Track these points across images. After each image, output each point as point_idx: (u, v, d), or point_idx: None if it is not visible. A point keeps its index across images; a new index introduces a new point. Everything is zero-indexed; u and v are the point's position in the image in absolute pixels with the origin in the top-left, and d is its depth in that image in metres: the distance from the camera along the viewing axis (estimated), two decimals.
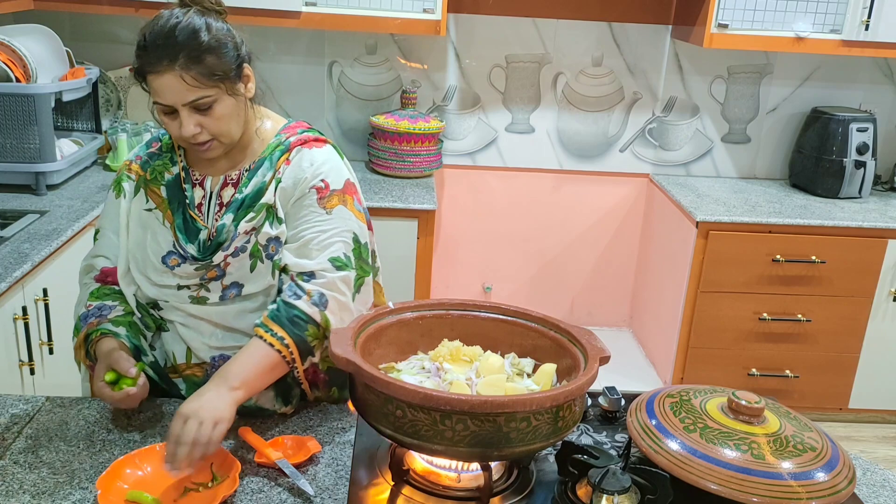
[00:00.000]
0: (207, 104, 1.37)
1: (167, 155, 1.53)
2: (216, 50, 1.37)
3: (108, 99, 3.28)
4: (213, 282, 1.46)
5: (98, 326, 1.46)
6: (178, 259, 1.46)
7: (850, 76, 3.51)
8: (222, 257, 1.44)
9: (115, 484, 1.23)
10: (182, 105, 1.36)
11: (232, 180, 1.48)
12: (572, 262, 3.76)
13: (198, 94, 1.35)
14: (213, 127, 1.39)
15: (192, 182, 1.49)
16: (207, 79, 1.35)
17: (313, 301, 1.40)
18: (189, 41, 1.34)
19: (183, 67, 1.33)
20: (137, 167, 1.53)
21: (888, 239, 3.10)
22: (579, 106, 3.54)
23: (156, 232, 1.48)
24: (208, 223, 1.47)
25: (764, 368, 3.24)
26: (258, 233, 1.44)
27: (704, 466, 1.14)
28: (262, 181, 1.46)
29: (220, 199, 1.48)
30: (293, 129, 1.53)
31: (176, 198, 1.48)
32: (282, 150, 1.48)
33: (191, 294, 1.47)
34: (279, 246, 1.46)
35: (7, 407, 1.45)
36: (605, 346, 1.31)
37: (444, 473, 1.26)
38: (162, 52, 1.33)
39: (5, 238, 2.29)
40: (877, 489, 1.36)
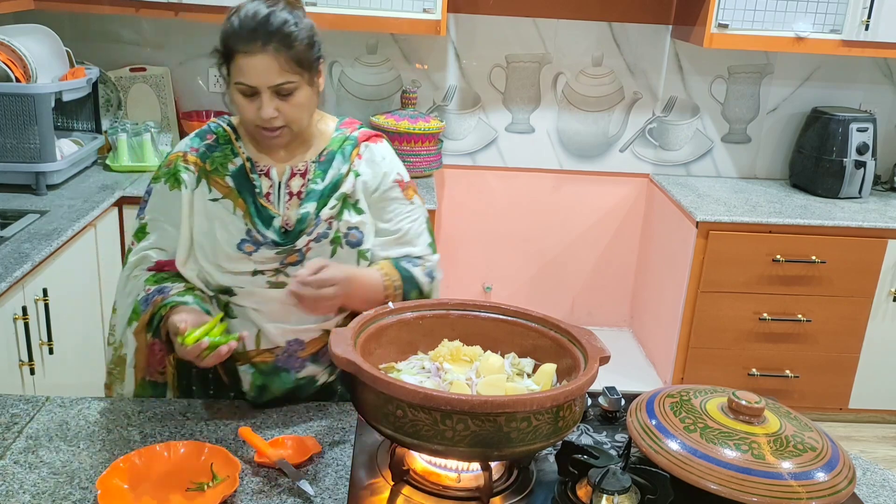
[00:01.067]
0: (290, 90, 1.44)
1: (226, 147, 1.55)
2: (304, 40, 1.45)
3: (108, 99, 3.28)
4: (293, 267, 1.50)
5: (164, 302, 1.47)
6: (252, 246, 1.49)
7: (850, 76, 3.51)
8: (305, 242, 1.50)
9: (115, 484, 1.23)
10: (267, 87, 1.42)
11: (299, 171, 1.54)
12: (572, 262, 3.76)
13: (285, 79, 1.42)
14: (289, 113, 1.46)
15: (257, 172, 1.53)
16: (295, 65, 1.43)
17: (426, 272, 1.59)
18: (283, 28, 1.42)
19: (276, 51, 1.41)
20: (195, 158, 1.54)
21: (888, 239, 3.10)
22: (579, 106, 3.54)
23: (225, 221, 1.51)
24: (280, 211, 1.52)
25: (764, 368, 3.24)
26: (338, 221, 1.53)
27: (704, 466, 1.14)
28: (339, 173, 1.55)
29: (288, 189, 1.53)
30: (351, 125, 1.63)
31: (245, 187, 1.52)
32: (352, 145, 1.58)
33: (269, 280, 1.51)
34: (360, 234, 1.55)
35: (7, 407, 1.45)
36: (605, 346, 1.31)
37: (444, 473, 1.26)
38: (257, 35, 1.40)
39: (5, 238, 2.29)
40: (877, 489, 1.36)
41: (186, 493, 1.24)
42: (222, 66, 1.45)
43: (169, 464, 1.29)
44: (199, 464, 1.29)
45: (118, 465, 1.26)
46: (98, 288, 2.70)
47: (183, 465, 1.29)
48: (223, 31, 1.43)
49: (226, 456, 1.29)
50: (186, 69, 3.35)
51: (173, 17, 2.94)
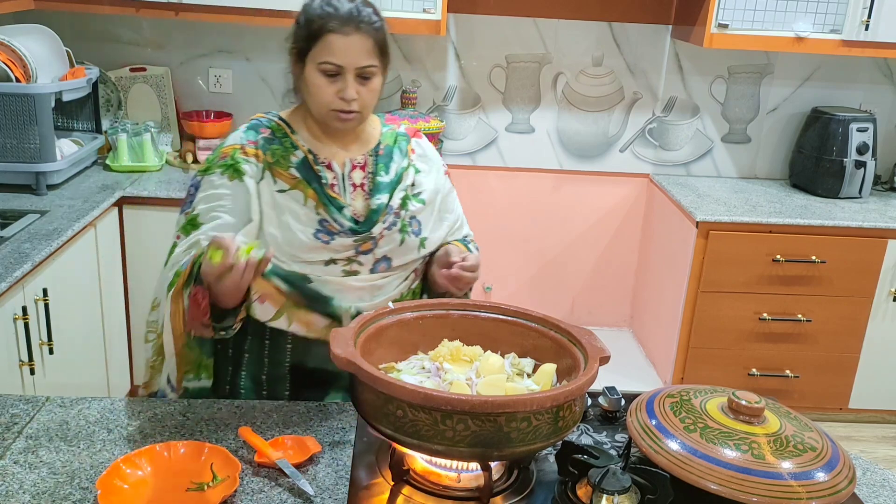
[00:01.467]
0: (370, 74, 1.51)
1: (284, 140, 1.57)
2: (386, 33, 1.54)
3: (108, 99, 3.28)
4: (365, 255, 1.57)
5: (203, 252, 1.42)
6: (327, 235, 1.53)
7: (850, 76, 3.51)
8: (380, 230, 1.57)
9: (115, 484, 1.23)
10: (354, 68, 1.48)
11: (359, 163, 1.61)
12: (572, 262, 3.76)
13: (371, 62, 1.50)
14: (366, 98, 1.52)
15: (320, 164, 1.58)
16: (380, 52, 1.52)
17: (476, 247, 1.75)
18: (373, 17, 1.51)
19: (369, 34, 1.49)
20: (256, 150, 1.55)
21: (888, 239, 3.10)
22: (579, 106, 3.54)
23: (297, 212, 1.53)
24: (346, 201, 1.58)
25: (764, 368, 3.24)
26: (404, 210, 1.62)
27: (704, 466, 1.14)
28: (401, 167, 1.64)
29: (351, 181, 1.59)
30: (395, 122, 1.72)
31: (311, 178, 1.55)
32: (405, 141, 1.67)
33: (343, 268, 1.56)
34: (419, 223, 1.64)
35: (7, 407, 1.44)
36: (605, 346, 1.31)
37: (444, 473, 1.26)
38: (353, 17, 1.48)
39: (5, 238, 2.29)
40: (877, 489, 1.36)
41: (186, 494, 1.24)
42: (304, 47, 1.50)
43: (169, 464, 1.29)
44: (199, 464, 1.29)
45: (118, 465, 1.26)
46: (98, 288, 2.70)
47: (183, 465, 1.29)
48: (311, 12, 1.50)
49: (226, 456, 1.29)
50: (186, 69, 3.35)
51: (173, 17, 2.94)
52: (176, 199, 2.88)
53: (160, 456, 1.29)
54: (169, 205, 2.88)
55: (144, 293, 2.99)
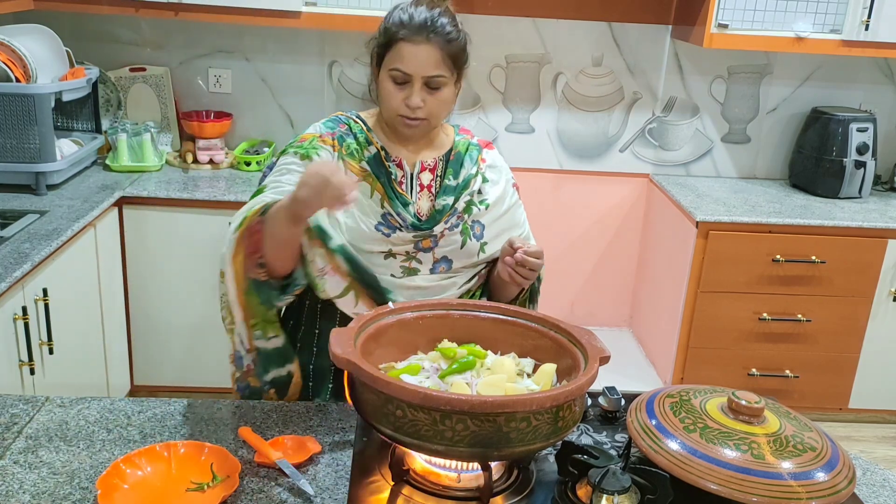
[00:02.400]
0: (439, 84, 1.55)
1: (360, 136, 1.62)
2: (461, 44, 1.58)
3: (108, 99, 3.28)
4: (425, 253, 1.62)
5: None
6: (388, 228, 1.57)
7: (850, 76, 3.51)
8: (442, 229, 1.62)
9: (115, 484, 1.23)
10: (421, 76, 1.53)
11: (429, 165, 1.66)
12: (572, 263, 3.76)
13: (438, 72, 1.54)
14: (433, 107, 1.56)
15: (391, 161, 1.62)
16: (450, 62, 1.55)
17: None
18: (447, 27, 1.55)
19: (439, 45, 1.53)
20: (333, 141, 1.61)
21: (888, 239, 3.10)
22: (579, 106, 3.54)
23: (362, 202, 1.57)
24: (412, 199, 1.62)
25: (764, 368, 3.24)
26: (468, 214, 1.65)
27: (704, 466, 1.14)
28: (469, 174, 1.67)
29: (419, 181, 1.64)
30: (468, 133, 1.75)
31: (381, 173, 1.60)
32: (477, 150, 1.71)
33: (401, 265, 1.60)
34: (482, 227, 1.67)
35: (7, 407, 1.45)
36: (605, 346, 1.31)
37: (444, 473, 1.26)
38: (425, 27, 1.52)
39: (5, 238, 2.29)
40: (877, 489, 1.36)
41: (186, 493, 1.24)
42: (379, 52, 1.56)
43: (169, 464, 1.29)
44: (199, 464, 1.29)
45: (118, 465, 1.26)
46: (98, 288, 2.70)
47: (183, 465, 1.29)
48: (389, 20, 1.56)
49: (226, 456, 1.29)
50: (186, 69, 3.35)
51: (173, 17, 2.94)
52: (176, 199, 2.88)
53: (160, 456, 1.29)
54: (169, 205, 2.89)
55: (144, 293, 2.99)
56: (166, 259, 2.94)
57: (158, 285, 2.97)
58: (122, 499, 1.21)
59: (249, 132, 3.43)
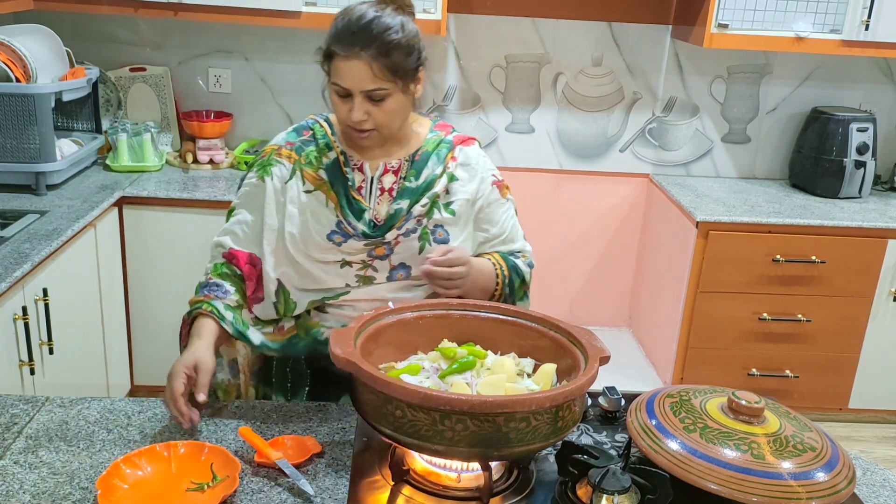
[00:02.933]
0: (381, 96, 1.48)
1: (322, 141, 1.61)
2: (404, 49, 1.48)
3: (108, 99, 3.28)
4: (381, 261, 1.57)
5: (212, 302, 1.54)
6: (341, 237, 1.55)
7: (850, 76, 3.51)
8: (395, 235, 1.56)
9: (115, 484, 1.23)
10: (359, 91, 1.47)
11: (392, 168, 1.60)
12: (572, 263, 3.76)
13: (377, 85, 1.47)
14: (379, 118, 1.50)
15: (351, 166, 1.58)
16: (390, 73, 1.46)
17: (528, 262, 1.72)
18: (383, 35, 1.45)
19: (372, 58, 1.45)
20: (290, 152, 1.61)
21: (888, 239, 3.10)
22: (579, 106, 3.54)
23: (317, 212, 1.56)
24: (370, 205, 1.58)
25: (764, 368, 3.24)
26: (427, 218, 1.58)
27: (704, 466, 1.14)
28: (433, 174, 1.60)
29: (380, 185, 1.59)
30: (445, 128, 1.68)
31: (337, 180, 1.57)
32: (447, 148, 1.63)
33: (357, 273, 1.57)
34: (446, 233, 1.60)
35: (7, 407, 1.45)
36: (605, 346, 1.31)
37: (444, 473, 1.26)
38: (356, 39, 1.45)
39: (5, 238, 2.29)
40: (877, 489, 1.36)
41: (186, 494, 1.24)
42: (324, 63, 1.51)
43: (169, 464, 1.29)
44: (199, 464, 1.29)
45: (118, 465, 1.26)
46: (98, 288, 2.70)
47: (183, 465, 1.29)
48: (329, 32, 1.49)
49: (226, 456, 1.29)
50: (186, 69, 3.35)
51: (172, 16, 2.94)
52: (176, 199, 2.88)
53: (160, 456, 1.29)
54: (169, 205, 2.88)
55: (144, 293, 2.99)
56: (166, 259, 2.94)
57: (158, 285, 2.97)
58: (122, 499, 1.21)
59: (249, 132, 3.43)
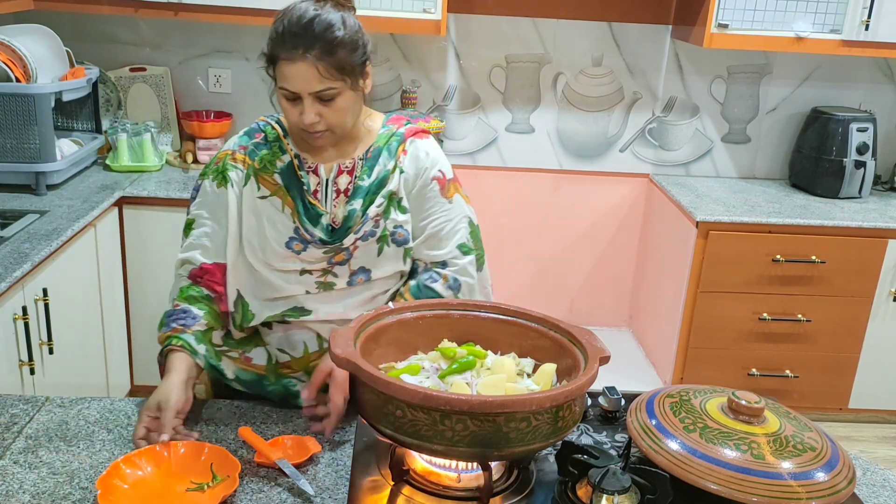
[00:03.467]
0: (331, 96, 1.44)
1: (275, 144, 1.56)
2: (348, 45, 1.44)
3: (108, 99, 3.28)
4: (340, 266, 1.52)
5: (181, 335, 1.48)
6: (300, 244, 1.50)
7: (850, 76, 3.51)
8: (353, 240, 1.51)
9: (115, 484, 1.23)
10: (308, 94, 1.43)
11: (346, 168, 1.55)
12: (572, 262, 3.76)
13: (325, 85, 1.42)
14: (331, 118, 1.46)
15: (305, 170, 1.54)
16: (337, 72, 1.42)
17: (448, 285, 1.56)
18: (325, 34, 1.41)
19: (316, 58, 1.40)
20: (243, 156, 1.56)
21: (888, 239, 3.10)
22: (579, 106, 3.54)
23: (273, 219, 1.52)
24: (327, 208, 1.53)
25: (764, 368, 3.24)
26: (385, 218, 1.53)
27: (704, 466, 1.14)
28: (385, 170, 1.54)
29: (335, 186, 1.54)
30: (398, 121, 1.61)
31: (293, 185, 1.53)
32: (398, 141, 1.57)
33: (317, 280, 1.53)
34: (406, 232, 1.54)
35: (7, 407, 1.45)
36: (605, 346, 1.31)
37: (444, 473, 1.26)
38: (298, 41, 1.40)
39: (5, 238, 2.29)
40: (877, 489, 1.36)
41: (186, 494, 1.24)
42: (269, 68, 1.47)
43: (169, 464, 1.29)
44: (199, 464, 1.29)
45: (118, 465, 1.26)
46: (98, 288, 2.70)
47: (183, 465, 1.29)
48: (269, 36, 1.44)
49: (226, 456, 1.29)
50: (186, 69, 3.35)
51: (173, 17, 2.94)
52: (176, 199, 2.88)
53: (160, 456, 1.29)
54: (169, 205, 2.88)
55: (144, 293, 2.99)
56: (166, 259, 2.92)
57: (158, 285, 2.96)
58: (122, 498, 1.21)
59: None
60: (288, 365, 1.58)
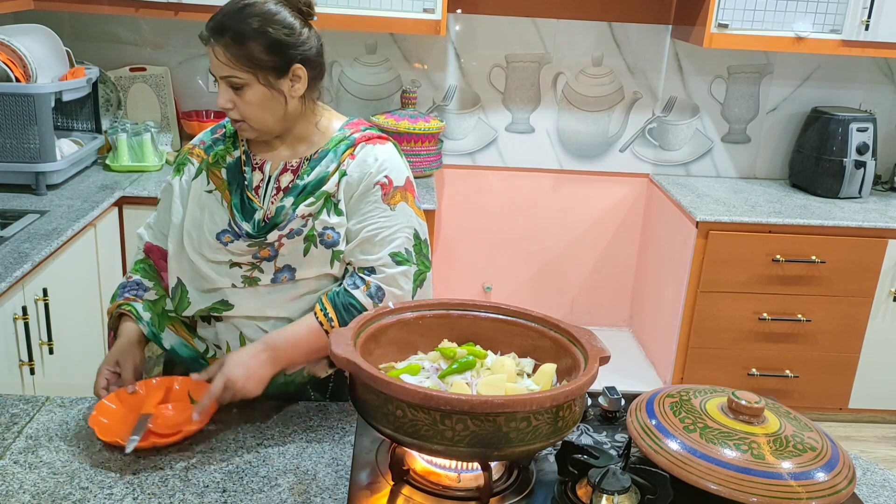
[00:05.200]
0: (238, 84, 1.45)
1: (230, 140, 1.59)
2: (261, 39, 1.43)
3: (108, 99, 3.28)
4: (267, 262, 1.52)
5: (132, 303, 1.59)
6: (231, 237, 1.52)
7: (850, 76, 3.51)
8: (276, 237, 1.50)
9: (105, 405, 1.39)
10: (220, 77, 1.46)
11: (292, 167, 1.55)
12: (572, 262, 3.76)
13: (231, 73, 1.44)
14: (242, 109, 1.47)
15: (252, 165, 1.56)
16: (242, 62, 1.43)
17: (369, 293, 1.49)
18: (240, 24, 1.43)
19: (224, 45, 1.43)
20: (201, 151, 1.61)
21: (888, 239, 3.10)
22: (579, 106, 3.54)
23: (213, 211, 1.55)
24: (264, 205, 1.53)
25: (764, 368, 3.24)
26: (315, 219, 1.51)
27: (704, 466, 1.14)
28: (325, 171, 1.52)
29: (277, 183, 1.55)
30: (356, 126, 1.60)
31: (235, 179, 1.55)
32: (347, 145, 1.55)
33: (244, 274, 1.54)
34: (336, 235, 1.51)
35: (7, 407, 1.45)
36: (605, 346, 1.30)
37: (444, 473, 1.26)
38: (217, 26, 1.44)
39: (5, 238, 2.29)
40: (877, 489, 1.36)
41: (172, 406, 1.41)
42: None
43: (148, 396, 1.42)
44: (174, 392, 1.43)
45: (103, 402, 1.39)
46: (98, 288, 2.70)
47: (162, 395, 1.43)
48: None
49: (200, 384, 1.41)
50: (186, 69, 3.35)
51: (173, 16, 2.94)
52: None
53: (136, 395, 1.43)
54: None
55: None
56: None
57: None
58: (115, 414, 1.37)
59: None
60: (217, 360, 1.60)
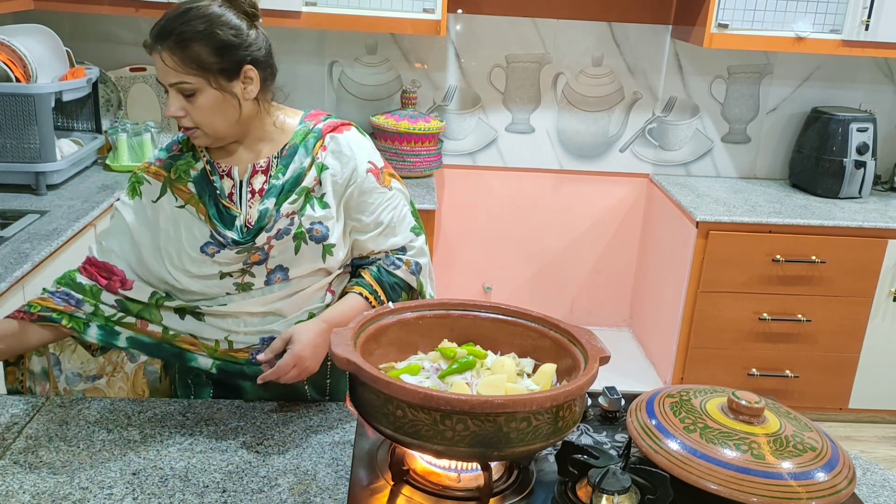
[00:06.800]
0: (189, 90, 1.41)
1: (188, 153, 1.54)
2: (207, 41, 1.40)
3: (108, 99, 3.28)
4: (257, 266, 1.50)
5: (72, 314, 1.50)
6: (216, 247, 1.48)
7: (850, 76, 3.51)
8: (265, 239, 1.48)
9: None
10: (168, 85, 1.42)
11: (261, 168, 1.52)
12: (572, 262, 3.76)
13: (179, 79, 1.40)
14: (194, 115, 1.43)
15: (219, 174, 1.52)
16: (189, 66, 1.39)
17: (411, 270, 1.59)
18: (183, 27, 1.39)
19: (169, 49, 1.39)
20: (158, 168, 1.54)
21: (888, 239, 3.10)
22: (579, 106, 3.54)
23: (190, 225, 1.50)
24: (242, 210, 1.50)
25: (764, 368, 3.24)
26: (300, 215, 1.49)
27: (704, 466, 1.14)
28: (301, 167, 1.51)
29: (250, 187, 1.51)
30: (316, 117, 1.58)
31: (206, 191, 1.51)
32: (315, 137, 1.53)
33: (235, 281, 1.51)
34: (325, 229, 1.51)
35: (7, 407, 1.45)
36: (605, 346, 1.30)
37: (444, 473, 1.26)
38: (161, 32, 1.40)
39: (5, 238, 2.29)
40: (877, 489, 1.36)
41: None
42: None
43: None
44: None
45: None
46: None
47: None
48: None
49: None
50: None
51: None
52: None
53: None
54: None
55: None
56: None
57: None
58: None
59: None
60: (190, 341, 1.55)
